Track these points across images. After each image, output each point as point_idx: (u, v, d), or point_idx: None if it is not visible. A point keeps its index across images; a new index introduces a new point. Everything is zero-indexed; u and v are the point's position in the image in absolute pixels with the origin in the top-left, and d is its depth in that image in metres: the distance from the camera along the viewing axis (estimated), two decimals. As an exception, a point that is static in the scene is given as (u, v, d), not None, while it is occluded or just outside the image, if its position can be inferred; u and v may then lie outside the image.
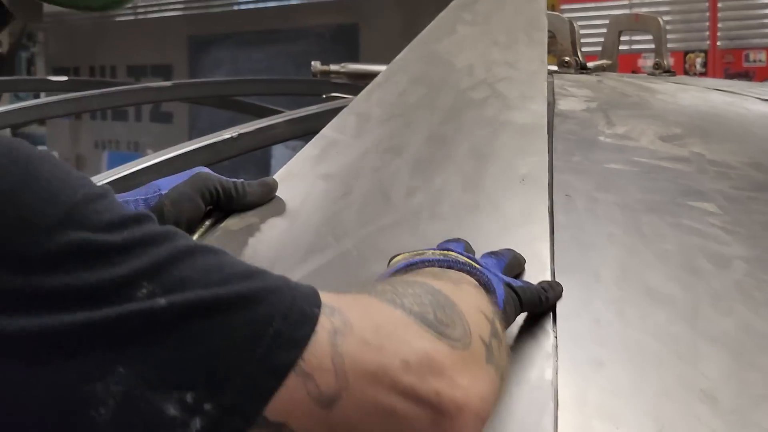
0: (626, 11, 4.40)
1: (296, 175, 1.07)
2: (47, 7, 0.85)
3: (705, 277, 0.88)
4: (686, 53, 5.05)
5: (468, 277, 0.77)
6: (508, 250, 0.85)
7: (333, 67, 1.45)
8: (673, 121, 1.16)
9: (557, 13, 1.49)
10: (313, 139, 1.16)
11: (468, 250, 0.83)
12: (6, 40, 7.61)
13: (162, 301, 0.58)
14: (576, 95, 1.21)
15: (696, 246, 0.91)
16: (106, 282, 0.58)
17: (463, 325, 0.68)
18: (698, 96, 1.34)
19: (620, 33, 1.50)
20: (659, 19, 1.51)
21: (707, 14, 5.04)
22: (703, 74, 4.86)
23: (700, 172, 1.03)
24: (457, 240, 0.84)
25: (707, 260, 0.89)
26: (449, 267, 0.78)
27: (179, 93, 2.68)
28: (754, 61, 5.04)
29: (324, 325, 0.60)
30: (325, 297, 0.64)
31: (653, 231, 0.93)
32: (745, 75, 4.98)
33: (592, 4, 5.04)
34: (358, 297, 0.68)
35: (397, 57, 1.25)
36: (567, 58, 1.38)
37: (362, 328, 0.63)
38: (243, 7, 8.33)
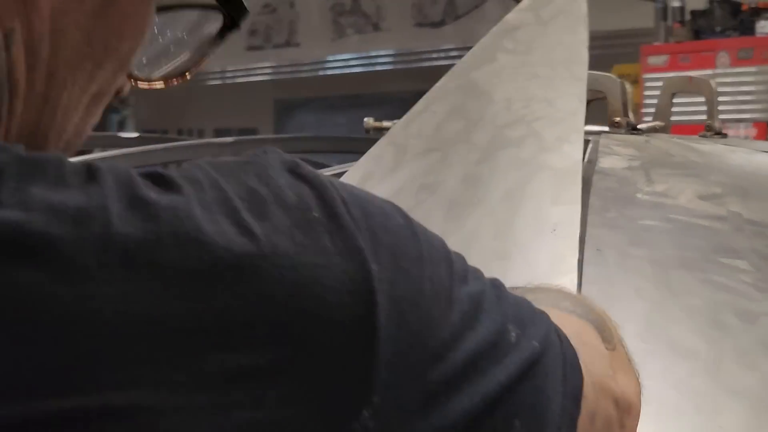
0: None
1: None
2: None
3: (731, 332, 0.88)
4: (771, 123, 5.01)
5: None
6: None
7: (386, 124, 1.49)
8: (715, 181, 1.17)
9: (608, 74, 1.51)
10: (350, 170, 1.19)
11: None
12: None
13: (535, 343, 0.59)
14: (620, 153, 1.22)
15: (724, 302, 0.92)
16: (492, 334, 0.59)
17: (610, 331, 0.74)
18: (745, 157, 1.34)
19: (673, 95, 1.52)
20: (711, 81, 1.53)
21: (791, 83, 4.99)
22: (786, 144, 4.83)
23: (736, 230, 1.04)
24: None
25: (734, 316, 0.90)
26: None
27: (241, 149, 2.77)
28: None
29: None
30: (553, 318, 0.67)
31: (682, 286, 0.94)
32: (831, 145, 4.92)
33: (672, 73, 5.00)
34: (561, 315, 0.72)
35: (437, 84, 1.27)
36: (617, 119, 1.40)
37: (583, 351, 0.67)
38: (329, 72, 8.55)
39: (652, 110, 1.72)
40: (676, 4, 5.29)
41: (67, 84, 0.57)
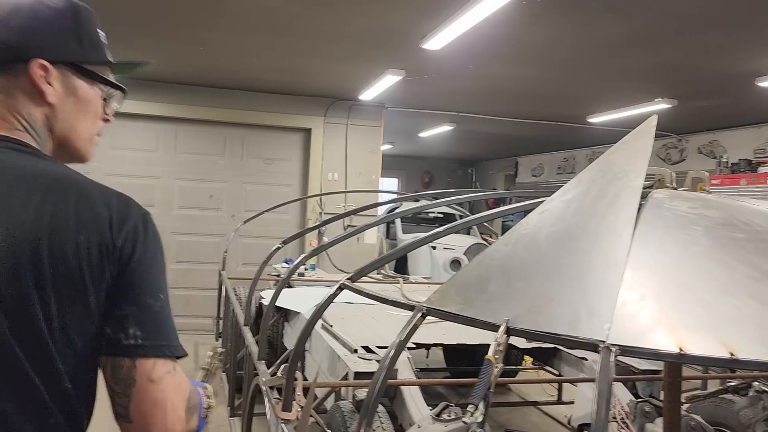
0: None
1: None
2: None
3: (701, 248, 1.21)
4: None
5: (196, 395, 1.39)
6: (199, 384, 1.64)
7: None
8: (695, 201, 1.56)
9: (664, 168, 1.88)
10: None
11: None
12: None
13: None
14: (662, 193, 1.59)
15: (696, 240, 1.26)
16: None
17: (191, 407, 1.29)
18: (714, 197, 1.69)
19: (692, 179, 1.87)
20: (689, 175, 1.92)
21: None
22: None
23: (698, 217, 1.43)
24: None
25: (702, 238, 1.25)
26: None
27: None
28: None
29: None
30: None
31: (683, 236, 1.29)
32: None
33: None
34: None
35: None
36: (667, 183, 1.81)
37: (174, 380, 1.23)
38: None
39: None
40: (724, 161, 9.25)
41: (71, 122, 1.34)
